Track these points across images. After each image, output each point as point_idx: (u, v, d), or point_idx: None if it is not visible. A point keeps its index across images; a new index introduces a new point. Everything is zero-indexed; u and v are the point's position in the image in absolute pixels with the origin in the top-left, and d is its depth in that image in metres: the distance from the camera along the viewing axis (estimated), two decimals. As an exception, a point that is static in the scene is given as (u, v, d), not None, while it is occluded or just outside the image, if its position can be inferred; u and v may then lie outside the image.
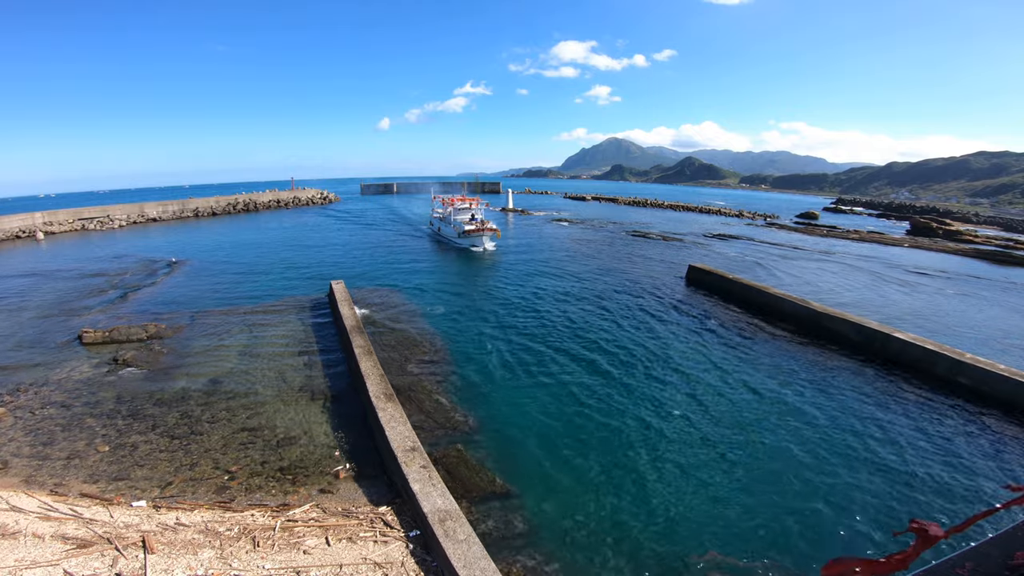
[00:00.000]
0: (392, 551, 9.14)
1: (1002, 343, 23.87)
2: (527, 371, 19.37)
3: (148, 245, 52.22)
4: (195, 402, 16.59)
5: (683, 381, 18.73)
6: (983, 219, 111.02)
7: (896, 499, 12.26)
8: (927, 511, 11.88)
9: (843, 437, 14.96)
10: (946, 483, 12.96)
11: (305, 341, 22.18)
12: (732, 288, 31.08)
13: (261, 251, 47.33)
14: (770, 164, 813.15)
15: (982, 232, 78.47)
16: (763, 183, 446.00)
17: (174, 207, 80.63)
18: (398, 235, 59.82)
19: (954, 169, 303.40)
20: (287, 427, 14.96)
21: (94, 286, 32.81)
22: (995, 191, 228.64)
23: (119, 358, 19.98)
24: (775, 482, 12.87)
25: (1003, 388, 16.96)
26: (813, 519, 11.52)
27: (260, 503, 11.29)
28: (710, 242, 56.95)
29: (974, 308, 30.54)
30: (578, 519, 11.28)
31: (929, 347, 19.50)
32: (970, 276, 41.24)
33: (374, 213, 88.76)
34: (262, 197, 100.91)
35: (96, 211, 70.59)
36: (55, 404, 16.39)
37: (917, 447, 14.51)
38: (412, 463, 11.05)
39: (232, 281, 34.38)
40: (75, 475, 12.52)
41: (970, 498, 12.41)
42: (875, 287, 35.40)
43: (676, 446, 14.37)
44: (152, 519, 9.93)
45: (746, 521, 11.40)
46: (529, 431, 14.97)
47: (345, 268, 38.85)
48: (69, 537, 8.80)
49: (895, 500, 12.23)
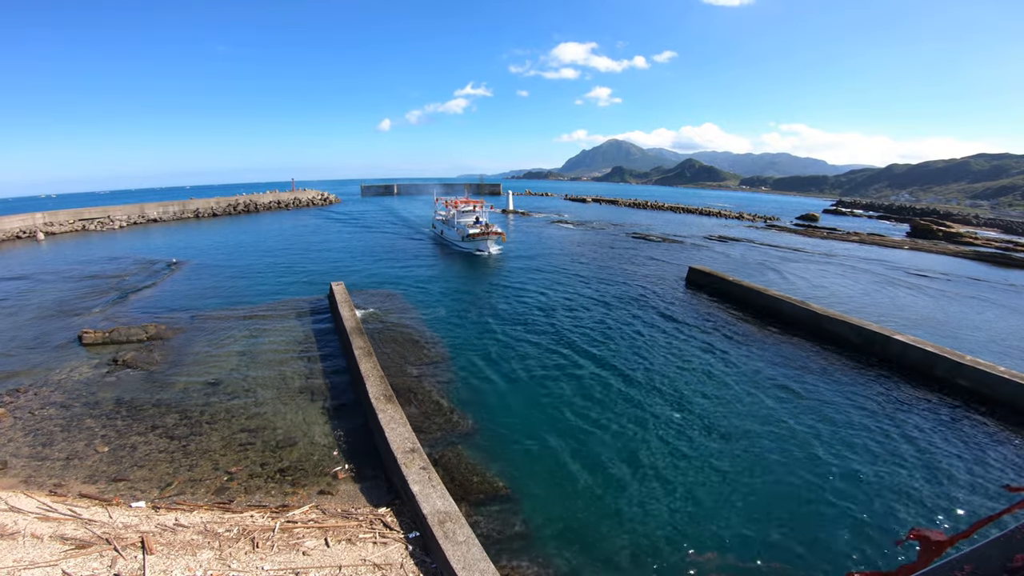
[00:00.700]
0: (391, 552, 9.12)
1: (1002, 345, 23.85)
2: (527, 373, 19.37)
3: (148, 246, 52.30)
4: (194, 403, 16.59)
5: (684, 384, 18.71)
6: (983, 221, 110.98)
7: (897, 502, 12.23)
8: (929, 513, 11.85)
9: (844, 439, 14.94)
10: (949, 486, 12.94)
11: (305, 342, 22.18)
12: (732, 290, 31.08)
13: (261, 252, 47.38)
14: (770, 166, 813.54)
15: (982, 234, 78.45)
16: (763, 185, 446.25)
17: (175, 208, 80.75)
18: (399, 238, 59.24)
19: (954, 171, 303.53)
20: (287, 428, 14.96)
21: (94, 287, 32.84)
22: (995, 193, 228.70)
23: (119, 359, 19.97)
24: (774, 485, 12.85)
25: (1004, 390, 16.94)
26: (813, 521, 11.51)
27: (259, 504, 11.28)
28: (710, 244, 56.96)
29: (975, 311, 30.51)
30: (578, 520, 11.26)
31: (929, 349, 19.48)
32: (971, 279, 41.21)
33: (374, 215, 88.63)
34: (263, 198, 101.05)
35: (97, 212, 70.71)
36: (55, 405, 16.39)
37: (919, 449, 14.48)
38: (412, 464, 11.04)
39: (232, 282, 34.41)
40: (74, 476, 12.52)
41: (974, 501, 12.39)
42: (876, 290, 35.37)
43: (676, 448, 14.35)
44: (151, 520, 9.92)
45: (746, 523, 11.38)
46: (529, 433, 14.95)
47: (344, 271, 38.87)
48: (68, 538, 8.79)
49: (896, 503, 12.20)
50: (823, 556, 10.44)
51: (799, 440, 14.83)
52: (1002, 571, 2.03)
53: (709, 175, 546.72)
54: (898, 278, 39.88)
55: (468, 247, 47.39)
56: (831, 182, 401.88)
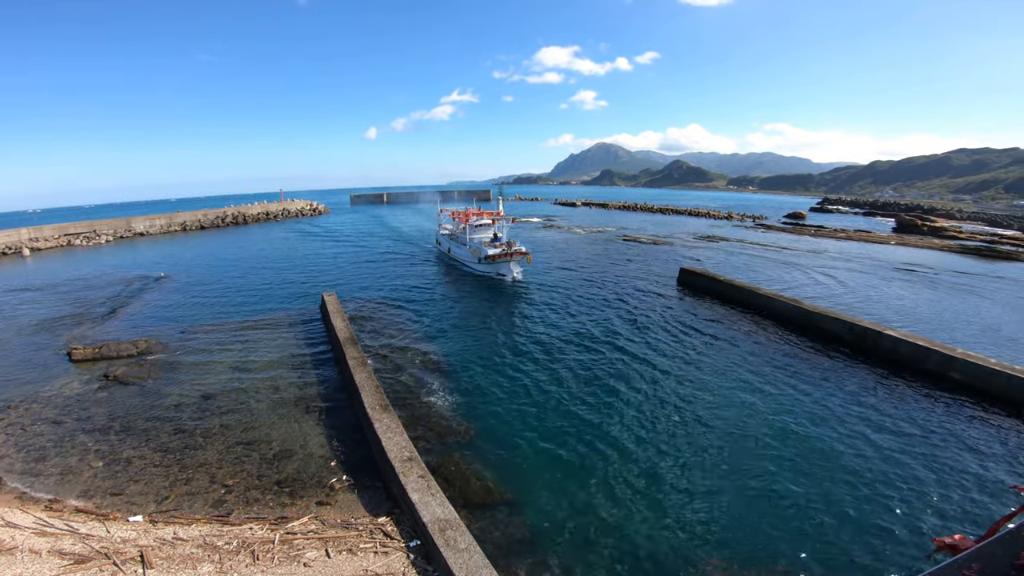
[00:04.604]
0: (393, 562, 9.09)
1: (992, 337, 24.20)
2: (523, 378, 19.37)
3: (136, 260, 51.71)
4: (188, 417, 16.43)
5: (680, 384, 18.81)
6: (967, 215, 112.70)
7: (897, 499, 12.36)
8: (936, 511, 11.98)
9: (836, 434, 15.10)
10: (950, 483, 13.10)
11: (298, 354, 22.05)
12: (723, 289, 31.32)
13: (250, 265, 46.87)
14: (757, 166, 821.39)
15: (967, 228, 79.72)
16: (750, 185, 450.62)
17: (161, 221, 79.99)
18: (394, 258, 50.07)
19: (936, 167, 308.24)
20: (282, 440, 14.86)
21: (82, 302, 32.44)
22: (977, 187, 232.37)
23: (110, 374, 19.76)
24: (770, 484, 12.94)
25: (995, 382, 17.19)
26: (812, 522, 11.60)
27: (258, 516, 11.19)
28: (700, 244, 57.38)
29: (964, 303, 30.94)
30: (579, 526, 11.27)
31: (920, 343, 19.74)
32: (957, 272, 41.81)
33: (365, 226, 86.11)
34: (251, 210, 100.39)
35: (82, 226, 69.91)
36: (46, 421, 16.18)
37: (915, 445, 14.65)
38: (410, 473, 11.01)
39: (222, 295, 34.12)
40: (70, 491, 12.37)
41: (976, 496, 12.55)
42: (865, 286, 35.77)
43: (675, 452, 14.41)
44: (149, 534, 9.82)
45: (746, 526, 11.45)
46: (528, 439, 14.94)
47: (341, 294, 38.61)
48: (66, 552, 8.69)
49: (897, 500, 12.33)
50: (821, 554, 10.53)
51: (793, 439, 14.97)
52: (1009, 568, 2.07)
53: (697, 176, 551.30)
54: (886, 273, 40.38)
55: (486, 270, 38.49)
56: (816, 180, 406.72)
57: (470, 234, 42.74)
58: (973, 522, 11.35)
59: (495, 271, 37.72)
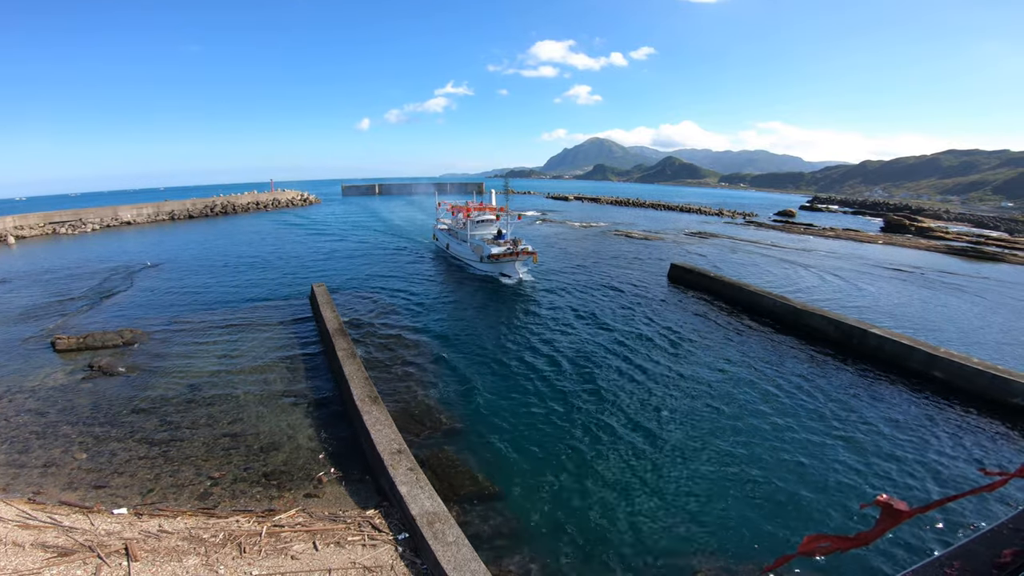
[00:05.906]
0: (381, 554, 9.09)
1: (976, 337, 24.55)
2: (514, 372, 19.39)
3: (122, 249, 51.02)
4: (174, 408, 16.28)
5: (667, 378, 18.92)
6: (954, 216, 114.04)
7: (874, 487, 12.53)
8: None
9: (821, 427, 15.27)
10: (921, 469, 13.30)
11: (286, 345, 21.91)
12: (713, 285, 31.51)
13: (239, 255, 46.42)
14: (749, 163, 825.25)
15: (953, 229, 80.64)
16: (742, 182, 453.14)
17: (149, 210, 78.95)
18: (386, 251, 51.67)
19: (925, 167, 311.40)
20: (270, 432, 14.77)
21: (66, 291, 31.99)
22: (965, 188, 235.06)
23: (94, 364, 19.51)
24: (756, 473, 13.06)
25: (978, 381, 17.43)
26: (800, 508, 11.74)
27: (245, 509, 11.13)
28: (691, 240, 57.62)
29: (950, 304, 31.35)
30: (567, 519, 11.32)
31: (905, 342, 19.98)
32: (944, 272, 42.33)
33: (357, 217, 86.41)
34: (241, 199, 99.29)
35: (68, 215, 68.87)
36: (29, 412, 15.95)
37: (894, 437, 14.84)
38: (399, 466, 11.00)
39: (210, 285, 33.80)
40: (53, 483, 12.22)
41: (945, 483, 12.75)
42: (853, 284, 36.12)
43: (662, 445, 14.50)
44: (134, 526, 9.74)
45: (733, 514, 11.56)
46: (517, 433, 14.98)
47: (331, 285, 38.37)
48: (50, 545, 8.59)
49: (873, 488, 12.50)
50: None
51: (781, 430, 15.11)
52: (991, 567, 2.08)
53: (689, 172, 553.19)
54: (874, 272, 40.78)
55: (489, 270, 35.76)
56: (807, 178, 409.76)
57: (471, 230, 40.07)
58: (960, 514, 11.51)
59: (498, 271, 35.12)
